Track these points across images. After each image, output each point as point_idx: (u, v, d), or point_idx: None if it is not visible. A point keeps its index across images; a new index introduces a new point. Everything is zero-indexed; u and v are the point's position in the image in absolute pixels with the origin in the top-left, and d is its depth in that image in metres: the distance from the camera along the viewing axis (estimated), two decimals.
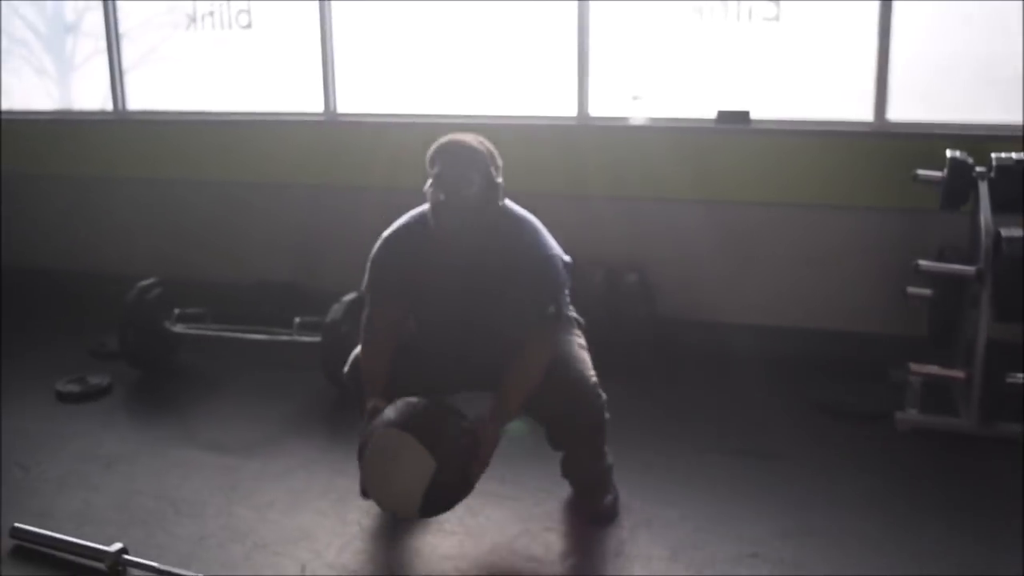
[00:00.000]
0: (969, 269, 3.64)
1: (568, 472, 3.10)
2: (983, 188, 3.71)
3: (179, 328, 4.24)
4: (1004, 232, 3.55)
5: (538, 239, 2.88)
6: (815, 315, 4.32)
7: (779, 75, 4.29)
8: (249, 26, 4.94)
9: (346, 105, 4.87)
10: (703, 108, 4.36)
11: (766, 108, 4.29)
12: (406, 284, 2.89)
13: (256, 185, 4.96)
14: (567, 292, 2.92)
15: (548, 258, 2.86)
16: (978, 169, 3.76)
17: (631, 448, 3.36)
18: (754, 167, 4.31)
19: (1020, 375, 3.53)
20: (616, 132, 4.48)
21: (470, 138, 2.85)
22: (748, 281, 4.39)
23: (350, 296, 4.06)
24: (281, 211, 4.97)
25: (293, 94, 4.94)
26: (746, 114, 4.31)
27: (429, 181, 2.77)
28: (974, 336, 3.62)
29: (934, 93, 4.12)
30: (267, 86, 4.99)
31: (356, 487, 3.00)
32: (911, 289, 3.99)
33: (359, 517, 3.07)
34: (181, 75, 5.13)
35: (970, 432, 3.61)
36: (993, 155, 3.75)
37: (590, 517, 3.07)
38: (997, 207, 3.66)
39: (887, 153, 4.13)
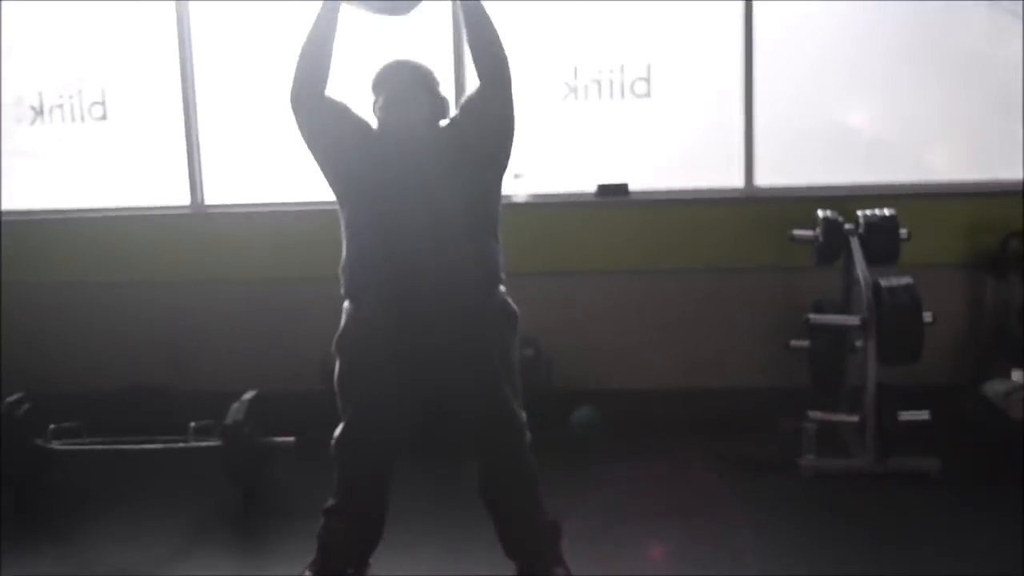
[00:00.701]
0: (854, 319, 3.92)
1: (508, 544, 2.96)
2: (855, 243, 4.02)
3: (57, 445, 3.89)
4: (883, 282, 3.85)
5: None
6: (705, 374, 4.50)
7: (653, 148, 4.52)
8: (104, 117, 4.70)
9: (214, 196, 4.70)
10: (583, 183, 4.52)
11: (643, 180, 4.50)
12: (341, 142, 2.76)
13: (120, 284, 4.67)
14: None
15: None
16: (847, 226, 4.08)
17: None
18: (635, 236, 4.49)
19: (913, 412, 3.81)
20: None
21: (411, 59, 2.80)
22: (639, 346, 4.53)
23: (248, 395, 3.87)
24: (148, 310, 4.68)
25: (156, 186, 4.72)
26: (624, 186, 4.50)
27: (377, 102, 2.72)
28: (863, 381, 3.89)
29: (797, 159, 4.44)
30: (128, 180, 4.74)
31: None
32: (793, 342, 4.25)
33: None
34: (28, 171, 4.80)
35: (868, 470, 3.85)
36: (859, 212, 4.09)
37: None
38: (869, 260, 3.99)
39: (758, 216, 4.41)
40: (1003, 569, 3.10)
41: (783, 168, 4.42)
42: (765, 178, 4.44)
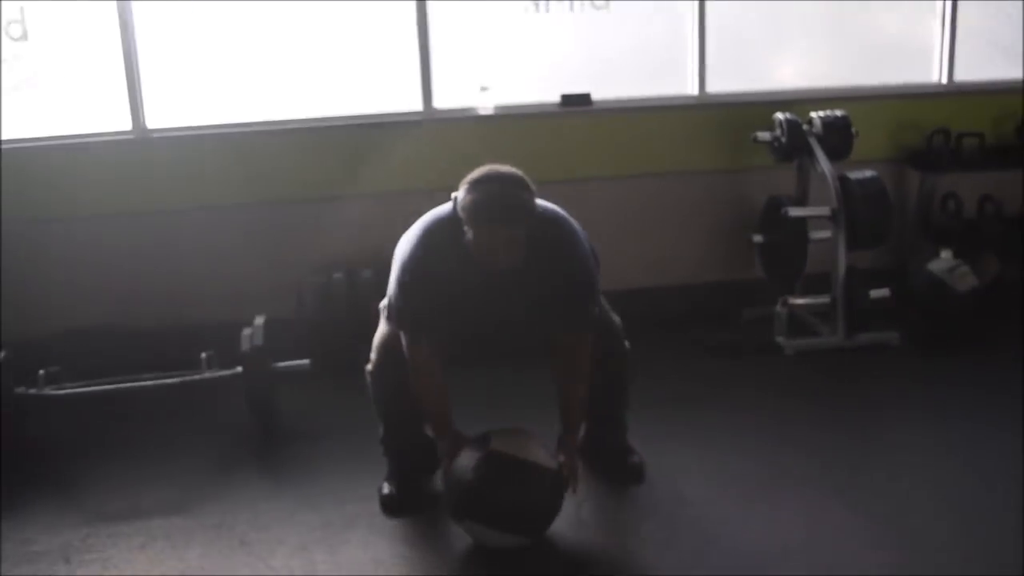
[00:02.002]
0: (824, 209, 4.28)
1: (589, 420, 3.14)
2: (814, 142, 4.36)
3: (51, 391, 3.59)
4: (851, 175, 4.22)
5: (573, 240, 2.88)
6: (670, 272, 4.74)
7: (613, 58, 4.64)
8: (24, 37, 4.26)
9: (157, 120, 4.39)
10: (548, 93, 4.60)
11: (606, 89, 4.63)
12: (444, 311, 2.77)
13: (61, 219, 4.29)
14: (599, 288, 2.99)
15: (585, 258, 2.88)
16: (805, 127, 4.41)
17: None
18: (599, 144, 4.63)
19: (877, 291, 4.23)
20: (464, 123, 4.55)
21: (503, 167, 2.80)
22: (606, 250, 4.65)
23: (259, 319, 3.72)
24: (97, 246, 4.33)
25: (91, 112, 4.35)
26: (587, 96, 4.61)
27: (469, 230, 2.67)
28: (833, 266, 4.27)
29: (741, 66, 4.73)
30: (56, 105, 4.33)
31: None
32: (755, 237, 4.59)
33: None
34: None
35: (839, 346, 4.26)
36: (814, 114, 4.43)
37: (623, 475, 3.20)
38: (828, 157, 4.34)
39: (712, 121, 4.67)
40: (957, 416, 3.63)
41: (734, 74, 4.69)
42: (716, 85, 4.70)
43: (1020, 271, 4.61)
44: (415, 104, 4.51)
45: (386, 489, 3.12)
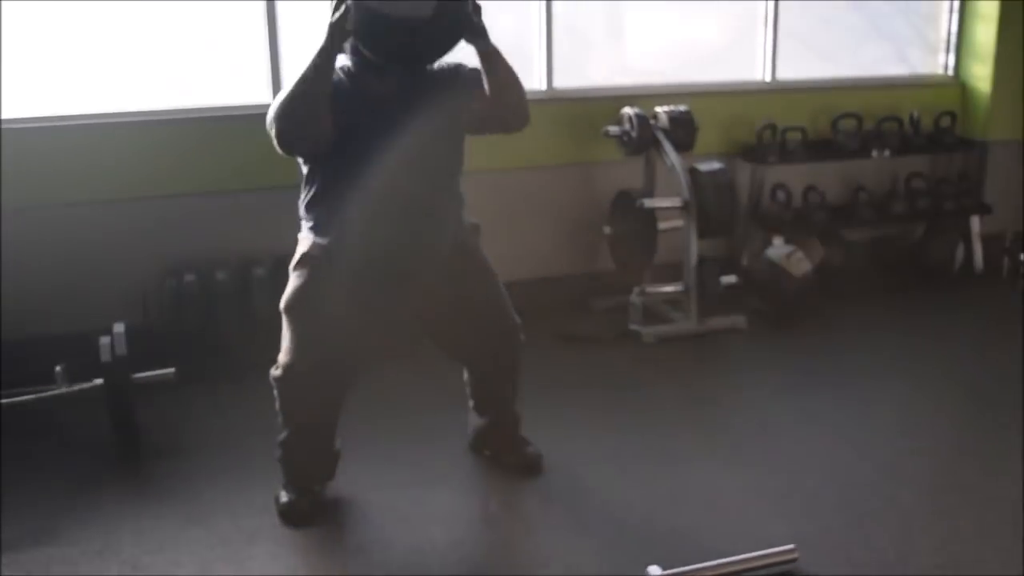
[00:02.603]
0: (676, 200, 4.46)
1: (485, 410, 3.22)
2: (661, 136, 4.54)
3: None
4: (700, 167, 4.43)
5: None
6: (526, 267, 4.75)
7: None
8: None
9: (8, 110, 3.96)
10: None
11: None
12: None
13: None
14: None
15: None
16: (652, 121, 4.58)
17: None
18: None
19: (726, 277, 4.46)
20: None
21: None
22: None
23: (119, 327, 3.44)
24: None
25: None
26: None
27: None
28: (686, 255, 4.46)
29: (586, 64, 4.86)
30: None
31: None
32: (607, 229, 4.73)
33: None
34: None
35: (695, 331, 4.46)
36: (659, 109, 4.61)
37: (520, 465, 3.22)
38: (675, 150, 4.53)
39: (561, 116, 4.75)
40: (810, 386, 3.95)
41: (578, 72, 4.81)
42: (563, 81, 4.79)
43: (841, 255, 5.01)
44: (264, 96, 4.32)
45: (284, 498, 2.97)
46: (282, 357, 2.86)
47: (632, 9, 4.93)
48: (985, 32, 5.33)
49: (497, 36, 2.82)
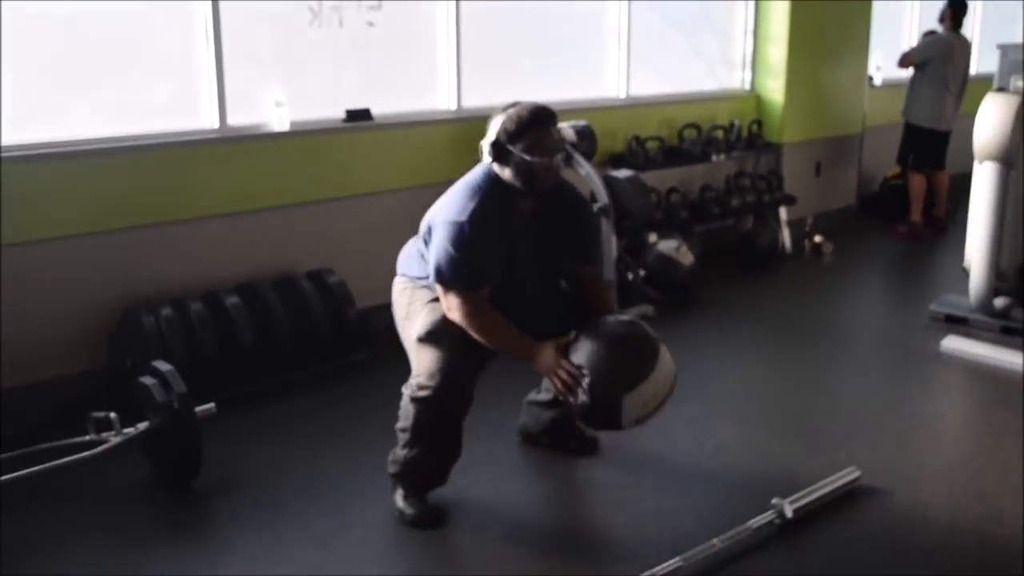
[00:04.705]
0: (596, 204, 4.95)
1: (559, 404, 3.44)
2: (571, 148, 5.02)
3: None
4: (614, 174, 4.97)
5: (574, 188, 3.31)
6: None
7: (387, 74, 4.81)
8: None
9: None
10: (335, 109, 4.64)
11: (384, 104, 4.78)
12: (495, 258, 2.99)
13: None
14: None
15: (588, 205, 3.51)
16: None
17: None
18: (380, 158, 4.76)
19: (637, 271, 5.04)
20: (259, 140, 4.37)
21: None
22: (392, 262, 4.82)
23: (165, 367, 3.30)
24: None
25: None
26: (367, 111, 4.71)
27: (518, 146, 2.95)
28: (607, 252, 4.98)
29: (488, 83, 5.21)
30: None
31: None
32: None
33: None
34: None
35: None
36: (563, 124, 5.07)
37: (582, 449, 3.58)
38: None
39: (472, 134, 5.02)
40: (713, 357, 4.73)
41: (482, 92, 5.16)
42: (469, 101, 5.11)
43: (699, 245, 5.81)
44: (211, 122, 4.23)
45: (411, 508, 3.11)
46: (423, 380, 3.00)
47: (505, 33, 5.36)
48: (776, 52, 6.41)
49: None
